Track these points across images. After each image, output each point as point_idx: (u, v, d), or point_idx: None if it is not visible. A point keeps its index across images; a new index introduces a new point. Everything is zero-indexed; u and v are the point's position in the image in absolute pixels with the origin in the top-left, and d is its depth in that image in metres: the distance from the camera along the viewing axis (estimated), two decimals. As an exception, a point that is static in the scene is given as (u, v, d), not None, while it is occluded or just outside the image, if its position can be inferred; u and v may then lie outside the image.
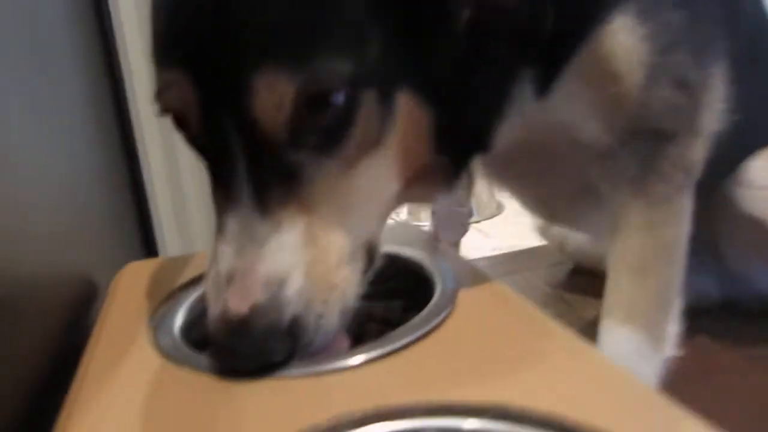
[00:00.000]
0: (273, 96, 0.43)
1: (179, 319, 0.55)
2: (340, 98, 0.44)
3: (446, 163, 0.55)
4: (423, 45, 0.48)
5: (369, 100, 0.46)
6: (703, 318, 0.81)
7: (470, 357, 0.43)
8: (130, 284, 0.67)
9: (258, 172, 0.45)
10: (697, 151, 0.65)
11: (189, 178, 1.22)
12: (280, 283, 0.44)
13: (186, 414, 0.40)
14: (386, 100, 0.47)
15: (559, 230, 1.14)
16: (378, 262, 0.51)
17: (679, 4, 0.60)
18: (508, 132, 0.58)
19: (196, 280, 0.61)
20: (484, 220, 1.69)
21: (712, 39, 0.64)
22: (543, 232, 1.19)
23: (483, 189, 1.74)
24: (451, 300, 0.50)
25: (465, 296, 0.51)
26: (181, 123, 0.49)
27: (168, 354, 0.48)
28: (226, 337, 0.44)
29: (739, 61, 0.66)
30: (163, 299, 0.59)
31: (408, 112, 0.49)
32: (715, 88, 0.65)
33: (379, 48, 0.46)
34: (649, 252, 0.64)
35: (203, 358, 0.47)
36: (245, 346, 0.43)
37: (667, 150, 0.63)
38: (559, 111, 0.62)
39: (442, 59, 0.49)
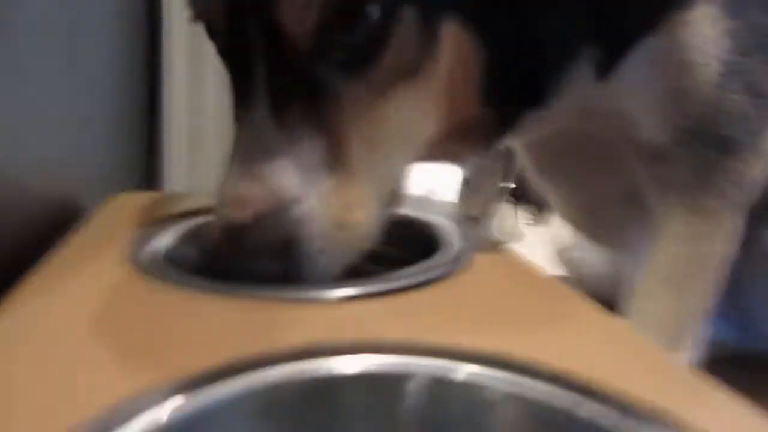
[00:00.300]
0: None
1: (164, 241, 0.50)
2: (375, 11, 0.41)
3: (492, 117, 0.51)
4: None
5: (408, 19, 0.42)
6: (717, 369, 0.76)
7: (473, 310, 0.37)
8: (118, 211, 0.63)
9: (278, 83, 0.42)
10: (756, 172, 0.60)
11: (210, 116, 1.17)
12: (290, 200, 0.41)
13: (140, 319, 0.35)
14: (429, 24, 0.43)
15: (578, 255, 1.09)
16: (395, 210, 0.47)
17: (765, 9, 0.56)
18: (561, 113, 0.54)
19: (193, 213, 0.57)
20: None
21: None
22: (561, 256, 1.13)
23: (509, 213, 1.69)
24: (462, 257, 0.45)
25: (480, 259, 0.46)
26: (210, 29, 0.46)
27: (141, 266, 0.43)
28: (222, 244, 0.41)
29: None
30: (150, 224, 0.55)
31: (455, 44, 0.45)
32: None
33: None
34: (685, 264, 0.59)
35: (181, 274, 0.42)
36: (240, 256, 0.41)
37: (726, 162, 0.58)
38: (620, 99, 0.57)
39: None
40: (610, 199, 0.71)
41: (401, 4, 0.41)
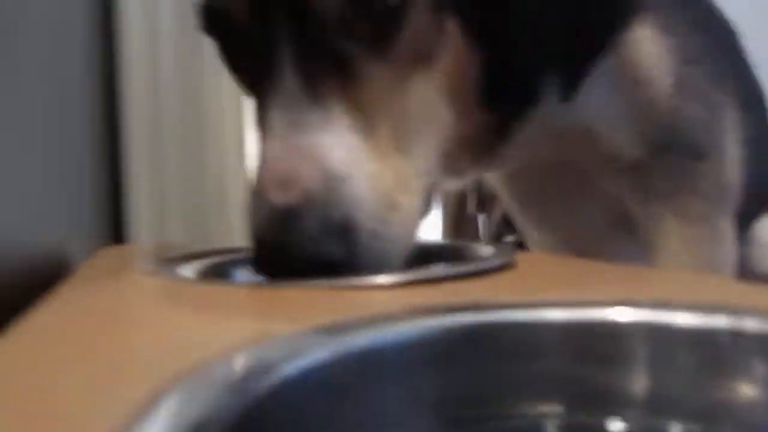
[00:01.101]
0: None
1: (184, 273, 0.47)
2: None
3: (489, 123, 0.53)
4: None
5: (421, 8, 0.44)
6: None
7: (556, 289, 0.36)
8: (113, 259, 0.59)
9: (307, 60, 0.42)
10: (728, 171, 0.64)
11: (171, 170, 1.15)
12: (341, 176, 0.39)
13: (163, 316, 0.32)
14: (437, 16, 0.46)
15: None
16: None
17: (696, 28, 0.63)
18: (536, 138, 0.57)
19: (199, 255, 0.53)
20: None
21: (725, 71, 0.66)
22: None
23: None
24: (507, 255, 0.43)
25: (524, 258, 0.45)
26: (224, 21, 0.45)
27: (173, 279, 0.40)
28: (270, 232, 0.38)
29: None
30: (161, 259, 0.51)
31: (455, 44, 0.47)
32: (733, 113, 0.65)
33: None
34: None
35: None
36: (293, 242, 0.37)
37: (700, 167, 0.62)
38: (588, 117, 0.61)
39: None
40: (598, 226, 0.73)
41: None
